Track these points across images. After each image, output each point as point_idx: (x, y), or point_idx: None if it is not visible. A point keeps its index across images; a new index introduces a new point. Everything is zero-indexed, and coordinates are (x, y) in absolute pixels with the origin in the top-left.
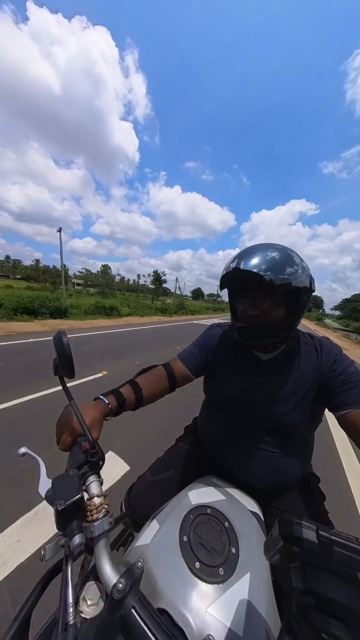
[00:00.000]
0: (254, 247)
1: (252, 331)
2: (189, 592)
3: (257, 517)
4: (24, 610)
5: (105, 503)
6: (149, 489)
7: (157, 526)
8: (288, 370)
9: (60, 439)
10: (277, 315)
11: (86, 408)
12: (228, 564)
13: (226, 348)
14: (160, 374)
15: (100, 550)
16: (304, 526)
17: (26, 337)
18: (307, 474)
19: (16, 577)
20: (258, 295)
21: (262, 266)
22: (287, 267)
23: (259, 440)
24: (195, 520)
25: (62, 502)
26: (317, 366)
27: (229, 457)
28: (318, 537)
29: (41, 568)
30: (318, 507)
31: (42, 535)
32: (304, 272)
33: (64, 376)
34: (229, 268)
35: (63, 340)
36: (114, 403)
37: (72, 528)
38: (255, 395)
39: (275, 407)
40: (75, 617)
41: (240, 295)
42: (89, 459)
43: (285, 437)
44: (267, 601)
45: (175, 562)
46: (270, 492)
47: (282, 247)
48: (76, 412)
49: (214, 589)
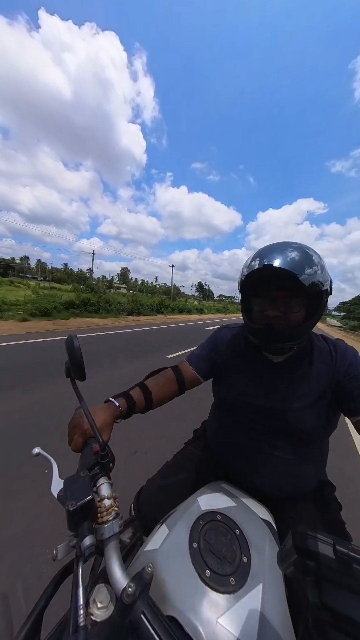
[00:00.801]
0: (277, 245)
1: (271, 333)
2: (199, 601)
3: (270, 526)
4: (37, 609)
5: (115, 505)
6: (158, 492)
7: (167, 531)
8: (301, 374)
9: (71, 440)
10: (297, 317)
11: (97, 410)
12: (239, 573)
13: (236, 350)
14: (170, 377)
15: (110, 552)
16: (320, 540)
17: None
18: (321, 482)
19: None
20: (279, 296)
21: (290, 264)
22: (311, 267)
23: (271, 446)
24: (205, 526)
25: (73, 502)
26: (332, 369)
27: (240, 462)
28: (335, 553)
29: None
30: (334, 517)
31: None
32: (324, 272)
33: (75, 379)
34: (252, 265)
35: (74, 344)
36: (124, 406)
37: (83, 529)
38: (267, 398)
39: (287, 411)
40: (86, 619)
41: (259, 295)
42: (100, 460)
43: (299, 443)
44: (281, 615)
45: (185, 569)
46: (282, 500)
47: (303, 246)
48: (87, 414)
49: (225, 599)
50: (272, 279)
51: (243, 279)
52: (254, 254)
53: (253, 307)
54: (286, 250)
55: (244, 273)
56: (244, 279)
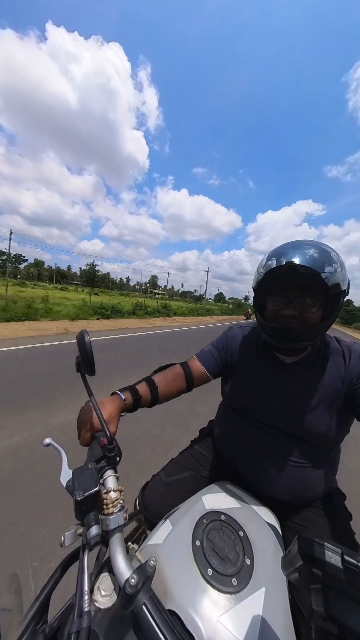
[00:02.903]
0: (294, 243)
1: (287, 333)
2: (200, 598)
3: (275, 530)
4: (44, 592)
5: (120, 498)
6: (163, 488)
7: (170, 527)
8: (313, 375)
9: (80, 435)
10: (314, 317)
11: (105, 403)
12: (242, 575)
13: (247, 350)
14: (178, 372)
15: (114, 543)
16: (328, 548)
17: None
18: (331, 490)
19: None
20: (297, 294)
21: (310, 262)
22: (331, 265)
23: (280, 448)
24: (208, 525)
25: (81, 492)
26: (345, 372)
27: (247, 463)
28: (343, 563)
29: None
30: (342, 527)
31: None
32: (343, 271)
33: (85, 373)
34: (270, 264)
35: (85, 339)
36: (129, 399)
37: (90, 519)
38: (278, 400)
39: (298, 413)
40: (90, 605)
41: (276, 293)
42: (107, 454)
43: (309, 447)
44: (283, 620)
45: (188, 565)
46: (289, 505)
47: (321, 243)
48: (96, 408)
49: (227, 598)
50: (292, 278)
51: (260, 277)
52: (269, 253)
53: (268, 306)
54: (304, 248)
55: (260, 272)
56: (261, 277)
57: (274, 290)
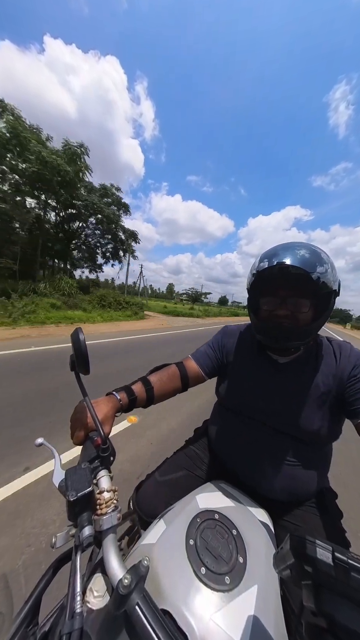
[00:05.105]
0: (286, 244)
1: (279, 332)
2: (193, 597)
3: (267, 528)
4: (35, 593)
5: (114, 498)
6: (157, 488)
7: (164, 526)
8: (306, 375)
9: (73, 434)
10: (305, 317)
11: (99, 403)
12: (235, 573)
13: (242, 350)
14: (173, 372)
15: (108, 544)
16: (319, 546)
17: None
18: (323, 488)
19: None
20: (289, 294)
21: (300, 263)
22: (321, 265)
23: (273, 447)
24: (202, 524)
25: (73, 493)
26: (336, 371)
27: (241, 463)
28: (334, 560)
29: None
30: (334, 525)
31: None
32: (333, 272)
33: (79, 372)
34: (262, 265)
35: (80, 338)
36: (125, 400)
37: (82, 520)
38: (272, 399)
39: (291, 412)
40: (82, 606)
41: (269, 294)
42: (101, 454)
43: (302, 445)
44: (275, 617)
45: (181, 564)
46: (282, 504)
47: (311, 245)
48: (90, 408)
49: (219, 597)
50: (283, 278)
51: (253, 279)
52: (261, 254)
53: (261, 307)
54: (295, 249)
55: (253, 274)
56: (253, 278)
57: (267, 290)
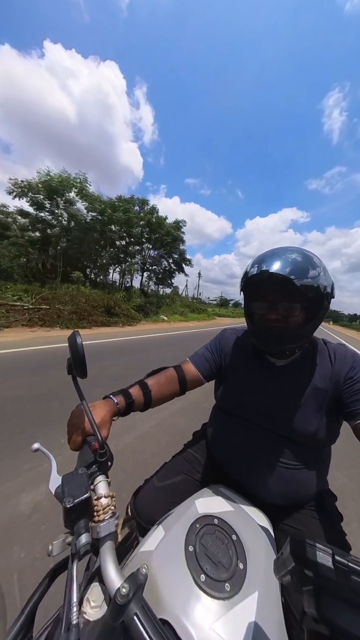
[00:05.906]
0: (276, 249)
1: (272, 336)
2: (192, 606)
3: (267, 533)
4: (30, 604)
5: (112, 504)
6: (155, 494)
7: (163, 533)
8: (303, 377)
9: (70, 439)
10: (297, 320)
11: (97, 407)
12: (235, 579)
13: (240, 353)
14: (171, 376)
15: (105, 552)
16: (319, 549)
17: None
18: (322, 491)
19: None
20: (278, 299)
21: (287, 269)
22: (310, 270)
23: (272, 450)
24: (201, 530)
25: (70, 499)
26: (332, 373)
27: (240, 466)
28: (334, 563)
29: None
30: (334, 528)
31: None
32: (325, 275)
33: (77, 376)
34: (251, 271)
35: (77, 341)
36: (122, 403)
37: (79, 527)
38: (269, 402)
39: (289, 414)
40: (79, 617)
41: (260, 299)
42: (98, 459)
43: (300, 448)
44: (276, 625)
45: (180, 572)
46: (282, 507)
47: (303, 250)
48: (87, 412)
49: (219, 605)
50: (271, 284)
51: (243, 284)
52: (253, 259)
53: (254, 311)
54: (285, 255)
55: (244, 279)
56: (244, 283)
57: (257, 295)
